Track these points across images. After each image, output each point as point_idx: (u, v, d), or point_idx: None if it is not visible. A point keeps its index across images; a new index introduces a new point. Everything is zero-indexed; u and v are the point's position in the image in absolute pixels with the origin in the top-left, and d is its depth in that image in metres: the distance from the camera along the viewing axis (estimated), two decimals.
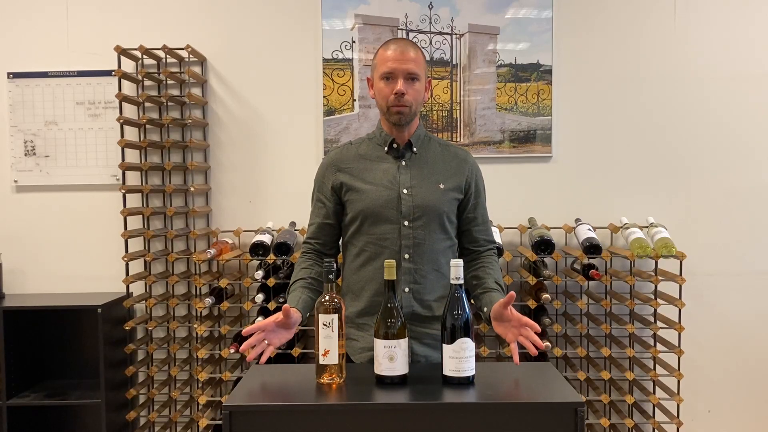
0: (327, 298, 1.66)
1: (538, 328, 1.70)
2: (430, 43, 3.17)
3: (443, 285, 1.93)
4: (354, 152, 2.02)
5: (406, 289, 1.93)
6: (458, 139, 3.19)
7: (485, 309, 1.88)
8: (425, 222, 1.94)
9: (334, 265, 1.71)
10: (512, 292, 1.71)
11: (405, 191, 1.94)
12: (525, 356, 2.94)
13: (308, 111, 3.21)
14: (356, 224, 1.97)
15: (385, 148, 2.00)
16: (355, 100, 3.20)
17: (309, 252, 2.04)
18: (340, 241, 2.08)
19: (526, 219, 3.16)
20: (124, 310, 3.10)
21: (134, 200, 3.20)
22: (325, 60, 3.19)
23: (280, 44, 3.21)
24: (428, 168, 1.99)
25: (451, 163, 2.02)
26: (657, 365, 2.94)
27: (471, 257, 2.04)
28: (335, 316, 1.64)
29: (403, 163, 1.98)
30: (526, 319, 1.72)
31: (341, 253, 2.09)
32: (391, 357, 1.63)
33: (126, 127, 3.10)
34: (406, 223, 1.93)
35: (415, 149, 2.00)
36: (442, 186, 1.97)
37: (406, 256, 1.93)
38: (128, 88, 3.16)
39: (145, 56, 3.10)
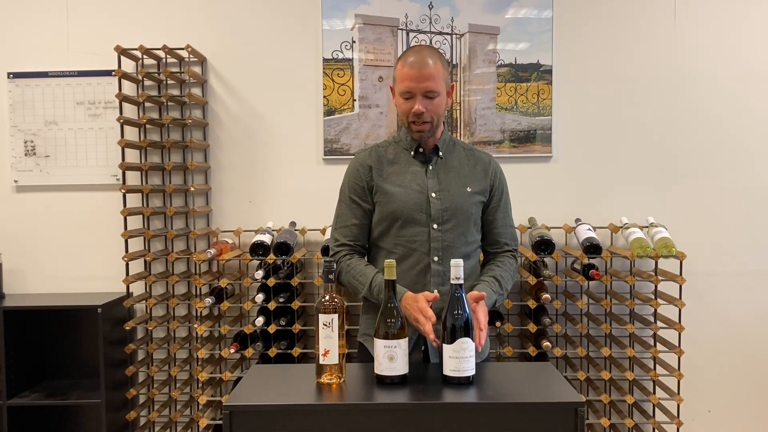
0: (327, 298, 1.66)
1: (482, 327, 1.74)
2: (430, 43, 3.17)
3: (472, 287, 1.95)
4: (382, 155, 2.03)
5: (436, 291, 1.92)
6: (458, 139, 3.19)
7: None
8: (454, 225, 1.96)
9: (334, 265, 1.71)
10: (483, 293, 1.80)
11: (434, 194, 1.96)
12: (525, 356, 2.94)
13: (308, 111, 3.21)
14: (383, 226, 1.98)
15: (412, 153, 2.01)
16: (355, 100, 3.19)
17: (352, 253, 2.00)
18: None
19: (526, 219, 3.16)
20: (124, 310, 3.10)
21: (134, 200, 3.20)
22: (325, 60, 3.19)
23: (280, 44, 3.21)
24: (454, 172, 2.01)
25: (476, 168, 2.04)
26: (657, 365, 2.94)
27: (488, 258, 2.08)
28: (335, 316, 1.64)
29: (430, 167, 2.00)
30: (478, 315, 1.75)
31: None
32: (391, 357, 1.63)
33: (126, 127, 3.10)
34: (435, 226, 1.95)
35: (441, 154, 2.02)
36: (469, 189, 1.99)
37: (436, 258, 1.95)
38: (128, 88, 3.16)
39: (145, 56, 3.10)
